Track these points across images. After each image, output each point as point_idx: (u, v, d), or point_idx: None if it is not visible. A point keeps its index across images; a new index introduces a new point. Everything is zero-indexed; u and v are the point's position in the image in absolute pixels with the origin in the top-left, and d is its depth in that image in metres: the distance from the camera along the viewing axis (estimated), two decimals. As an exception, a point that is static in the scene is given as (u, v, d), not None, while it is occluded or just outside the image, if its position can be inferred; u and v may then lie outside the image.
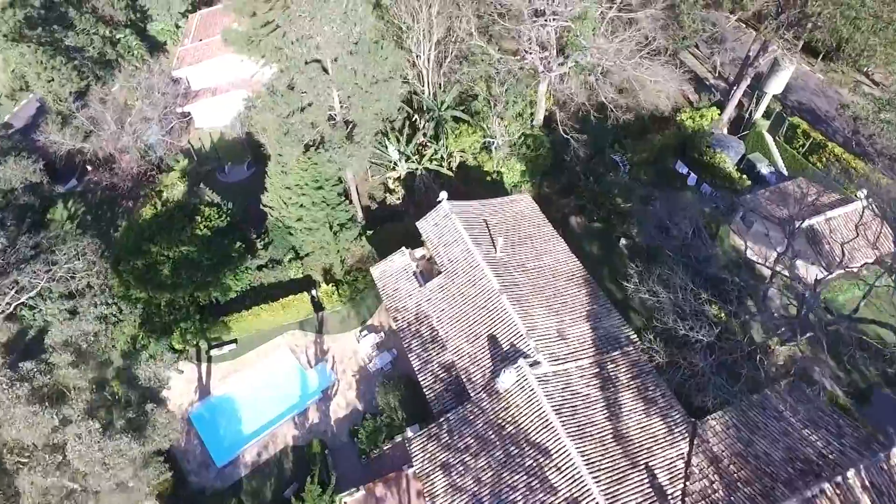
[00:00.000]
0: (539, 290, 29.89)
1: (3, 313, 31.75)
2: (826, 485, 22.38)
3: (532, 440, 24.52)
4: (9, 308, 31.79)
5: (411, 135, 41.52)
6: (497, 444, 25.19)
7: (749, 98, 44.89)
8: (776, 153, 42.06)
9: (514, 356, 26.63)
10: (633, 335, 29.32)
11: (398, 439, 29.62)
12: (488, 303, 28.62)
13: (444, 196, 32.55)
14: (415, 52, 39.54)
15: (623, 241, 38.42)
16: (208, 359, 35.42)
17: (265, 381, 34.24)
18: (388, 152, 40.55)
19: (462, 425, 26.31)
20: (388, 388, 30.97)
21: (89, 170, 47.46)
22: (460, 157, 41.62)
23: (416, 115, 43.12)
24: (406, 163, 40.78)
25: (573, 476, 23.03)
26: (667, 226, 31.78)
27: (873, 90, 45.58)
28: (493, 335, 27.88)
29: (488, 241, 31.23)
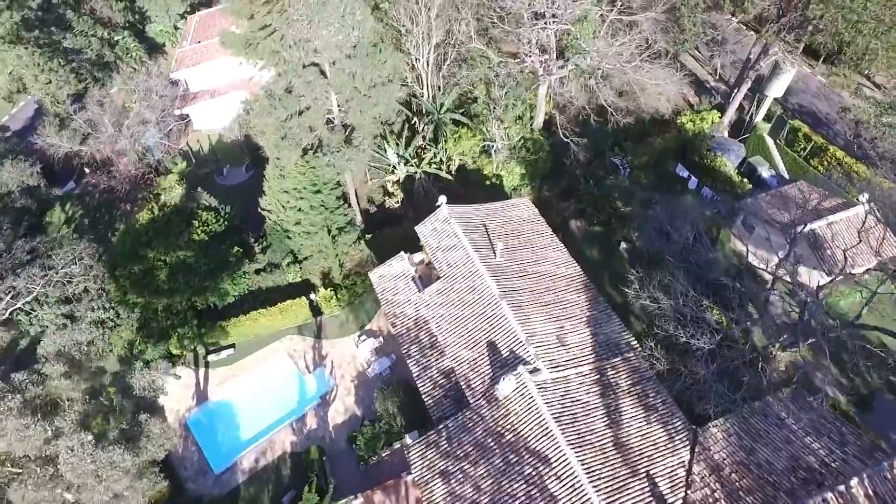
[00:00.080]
0: (539, 295, 29.65)
1: (-1, 319, 31.58)
2: (829, 494, 22.16)
3: (532, 448, 24.28)
4: (4, 314, 31.55)
5: (410, 138, 41.28)
6: (496, 451, 24.96)
7: (750, 101, 44.64)
8: (777, 156, 41.82)
9: (513, 363, 26.40)
10: (634, 341, 29.08)
11: (397, 446, 29.38)
12: (487, 308, 28.38)
13: (444, 200, 32.31)
14: (414, 55, 39.30)
15: (623, 245, 38.16)
16: (206, 364, 35.20)
17: (263, 387, 34.02)
18: (386, 156, 40.32)
19: (461, 432, 26.07)
20: (386, 395, 30.75)
21: (87, 172, 47.22)
22: (459, 161, 41.39)
23: (415, 118, 42.89)
24: (405, 166, 40.55)
25: (573, 485, 22.80)
26: (667, 230, 31.55)
27: (875, 93, 45.37)
28: (493, 341, 27.64)
29: (487, 246, 30.99)
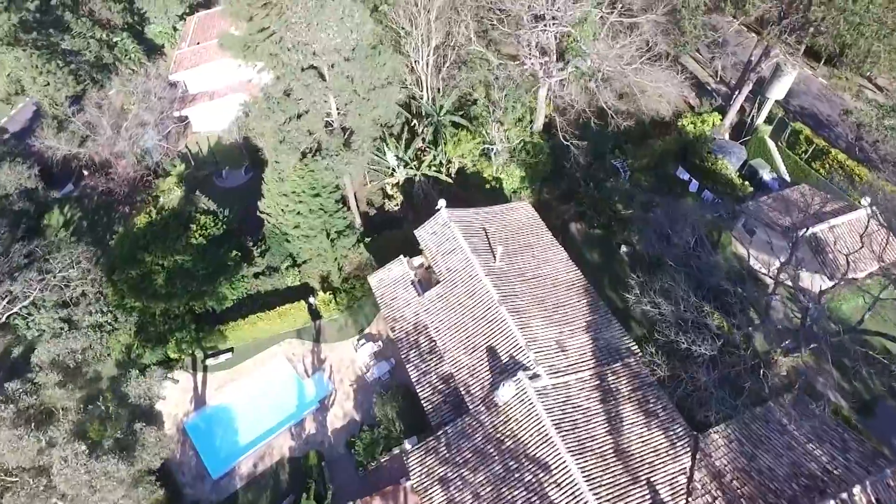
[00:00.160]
0: (539, 300, 29.46)
1: (-4, 324, 31.38)
2: (832, 502, 22.07)
3: (531, 455, 24.10)
4: (1, 318, 31.34)
5: (410, 140, 41.07)
6: (496, 458, 24.78)
7: (751, 103, 44.42)
8: (778, 159, 41.59)
9: (513, 368, 26.21)
10: (634, 346, 28.88)
11: (396, 451, 29.23)
12: (487, 313, 28.18)
13: (443, 204, 32.13)
14: (413, 57, 39.10)
15: (624, 249, 37.96)
16: (204, 368, 34.97)
17: (262, 391, 33.81)
18: (386, 158, 40.12)
19: (460, 439, 25.89)
20: (385, 400, 30.55)
21: (85, 175, 47.05)
22: (459, 163, 41.19)
23: (414, 121, 42.70)
24: (404, 169, 40.34)
25: (573, 492, 22.62)
26: (668, 234, 31.34)
27: (877, 95, 45.14)
28: (492, 347, 27.45)
29: (487, 250, 30.80)
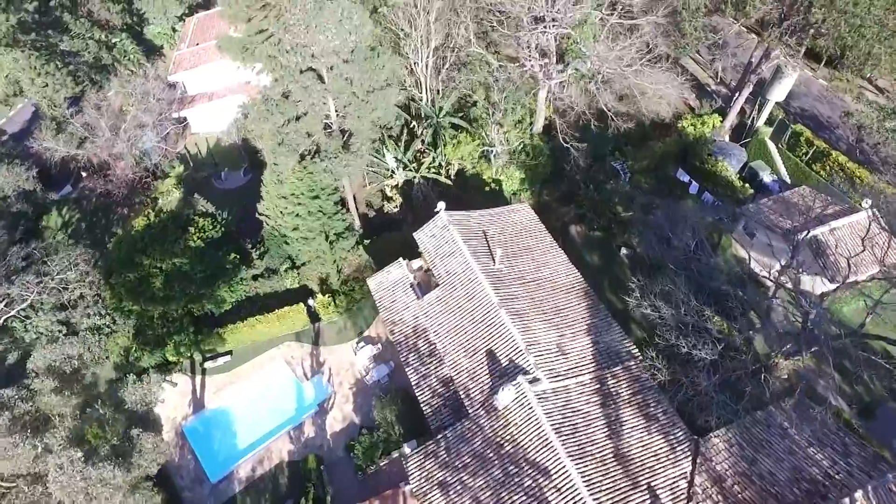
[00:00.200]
0: (538, 303, 29.34)
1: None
2: (833, 507, 21.93)
3: (531, 459, 23.98)
4: (-2, 321, 31.23)
5: (409, 142, 40.95)
6: (496, 462, 24.66)
7: (751, 105, 44.31)
8: (779, 161, 41.48)
9: (512, 372, 26.10)
10: (635, 349, 28.77)
11: (395, 455, 29.07)
12: (486, 317, 28.07)
13: (442, 206, 32.00)
14: (412, 58, 38.98)
15: (624, 251, 37.85)
16: (203, 371, 34.86)
17: (260, 394, 33.69)
18: (385, 160, 39.99)
19: (460, 443, 25.76)
20: (384, 403, 30.42)
21: (84, 176, 46.92)
22: (458, 165, 41.05)
23: (413, 122, 42.57)
24: (404, 171, 40.21)
25: (573, 497, 22.49)
26: (668, 236, 31.22)
27: (878, 97, 45.02)
28: (492, 350, 27.33)
29: (487, 253, 30.68)
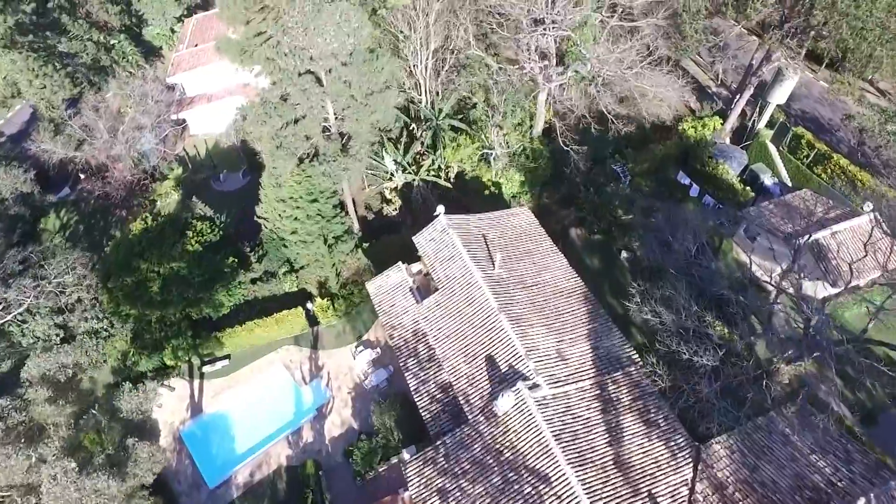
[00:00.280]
0: (538, 308, 29.15)
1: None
2: (835, 515, 21.76)
3: (531, 466, 23.79)
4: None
5: (409, 144, 40.76)
6: (495, 469, 24.46)
7: (752, 107, 44.10)
8: (780, 164, 41.27)
9: (512, 378, 25.90)
10: (635, 354, 28.57)
11: (394, 461, 28.92)
12: (486, 322, 27.88)
13: (442, 210, 31.80)
14: (412, 61, 38.79)
15: (624, 254, 37.65)
16: (201, 375, 34.64)
17: (259, 398, 33.49)
18: (384, 163, 39.80)
19: (459, 449, 25.57)
20: (383, 408, 30.23)
21: (82, 178, 46.72)
22: (458, 168, 40.87)
23: (413, 124, 42.38)
24: (403, 173, 40.03)
25: (573, 505, 22.33)
26: (669, 241, 31.01)
27: (879, 100, 44.81)
28: (491, 356, 27.14)
29: (486, 257, 30.49)
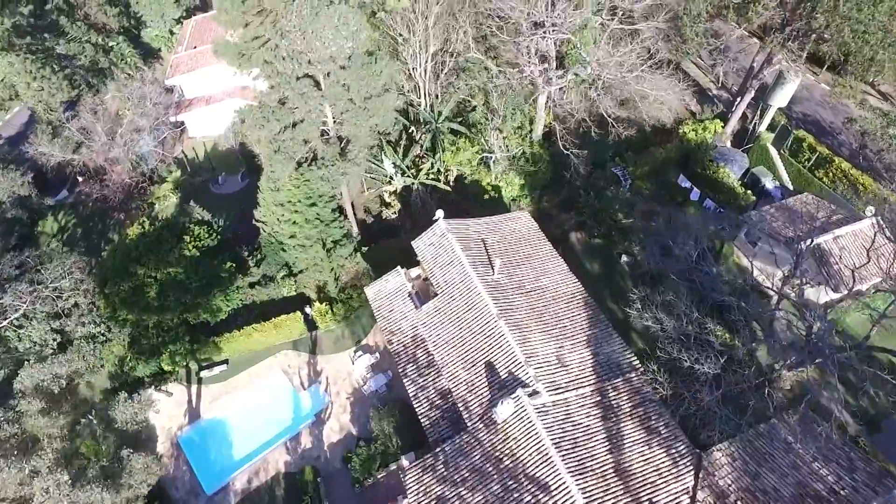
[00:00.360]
0: (538, 313, 28.92)
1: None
2: (838, 525, 21.53)
3: (530, 474, 23.56)
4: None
5: (408, 147, 40.54)
6: (494, 477, 24.24)
7: (753, 110, 43.87)
8: (781, 167, 41.04)
9: (512, 385, 25.68)
10: (636, 361, 28.32)
11: (393, 467, 28.70)
12: (486, 328, 27.64)
13: (441, 214, 31.58)
14: (411, 63, 38.58)
15: (624, 258, 37.42)
16: (198, 380, 34.44)
17: (257, 404, 33.28)
18: (383, 166, 39.59)
19: (458, 456, 25.33)
20: (382, 414, 30.01)
21: (80, 181, 46.50)
22: (457, 171, 40.66)
23: (412, 127, 42.17)
24: (402, 177, 39.81)
25: (573, 514, 22.10)
26: (669, 245, 30.78)
27: (881, 103, 44.57)
28: (491, 362, 26.91)
29: (486, 263, 30.26)
